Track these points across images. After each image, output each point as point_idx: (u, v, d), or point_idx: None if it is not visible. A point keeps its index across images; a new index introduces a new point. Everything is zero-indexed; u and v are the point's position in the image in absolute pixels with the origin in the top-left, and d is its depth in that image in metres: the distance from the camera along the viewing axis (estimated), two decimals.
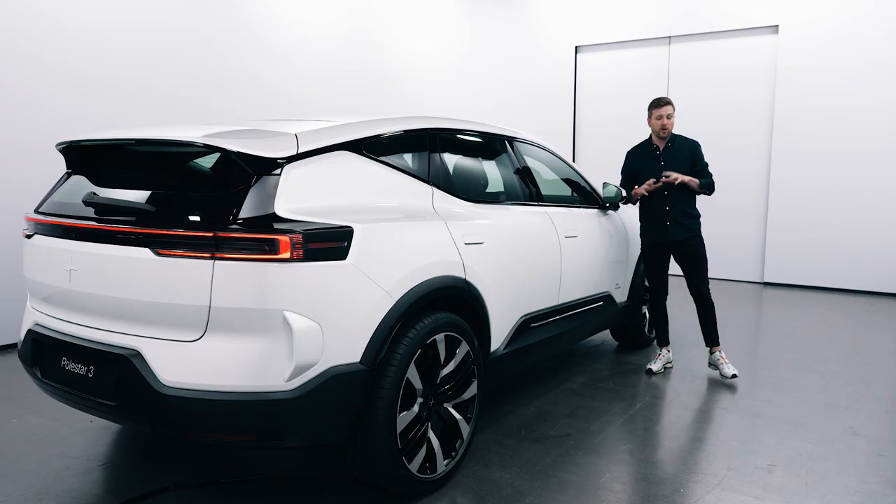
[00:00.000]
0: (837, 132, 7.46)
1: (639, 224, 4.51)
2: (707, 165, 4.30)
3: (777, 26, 7.77)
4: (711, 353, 4.36)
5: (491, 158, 3.84)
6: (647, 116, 4.30)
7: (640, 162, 4.35)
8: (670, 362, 4.53)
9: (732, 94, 8.15)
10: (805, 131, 7.64)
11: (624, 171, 4.49)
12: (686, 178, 4.14)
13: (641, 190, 4.25)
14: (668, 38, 8.54)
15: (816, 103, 7.55)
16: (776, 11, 7.74)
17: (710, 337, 4.36)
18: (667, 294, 4.51)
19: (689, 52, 8.42)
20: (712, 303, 4.35)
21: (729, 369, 4.25)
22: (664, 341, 4.54)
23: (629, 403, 3.86)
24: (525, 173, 3.86)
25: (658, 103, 4.22)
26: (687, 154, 4.25)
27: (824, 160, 7.56)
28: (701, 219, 4.36)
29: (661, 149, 4.28)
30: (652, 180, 4.19)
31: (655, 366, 4.44)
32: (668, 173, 4.13)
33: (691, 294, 4.38)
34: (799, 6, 7.60)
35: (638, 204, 4.45)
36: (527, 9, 9.65)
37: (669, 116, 4.20)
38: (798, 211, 7.76)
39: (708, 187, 4.25)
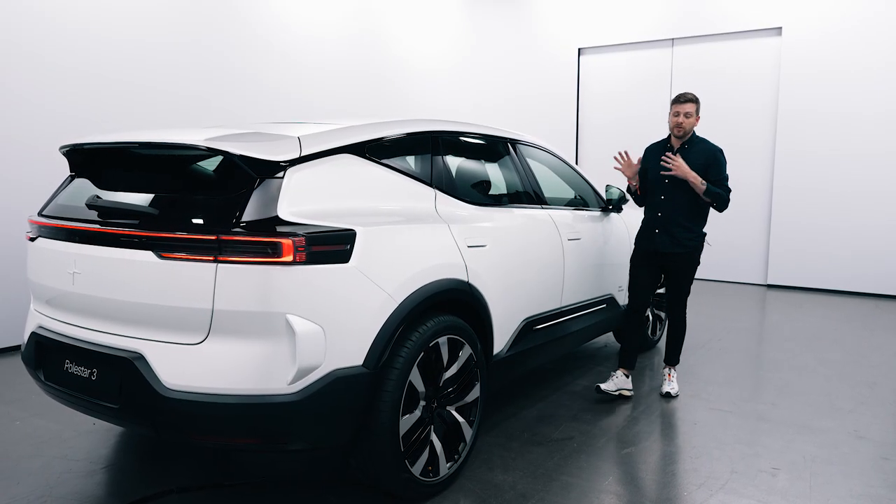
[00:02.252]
0: (841, 134, 7.44)
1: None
2: (726, 178, 3.86)
3: (780, 28, 7.76)
4: (665, 367, 4.14)
5: (493, 161, 3.84)
6: (667, 112, 3.99)
7: (650, 160, 4.04)
8: (629, 389, 3.95)
9: (736, 97, 8.14)
10: (808, 133, 7.63)
11: (640, 169, 4.16)
12: (690, 175, 3.72)
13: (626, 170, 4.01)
14: (672, 39, 8.54)
15: (820, 105, 7.54)
16: (779, 13, 7.73)
17: (669, 354, 4.11)
18: (643, 308, 4.05)
19: (693, 54, 8.42)
20: (684, 326, 4.06)
21: (667, 387, 4.02)
22: (626, 363, 4.00)
23: (632, 406, 3.85)
24: (528, 176, 3.86)
25: (677, 99, 3.88)
26: (701, 161, 3.82)
27: (828, 162, 7.55)
28: (704, 239, 3.97)
29: (676, 149, 3.93)
30: (664, 159, 3.82)
31: (606, 385, 3.90)
32: (669, 157, 3.76)
33: (666, 311, 4.12)
34: (802, 8, 7.59)
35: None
36: (529, 10, 9.66)
37: (688, 115, 3.82)
38: (802, 213, 7.75)
39: (718, 199, 3.81)
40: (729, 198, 3.87)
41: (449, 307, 2.85)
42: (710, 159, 3.84)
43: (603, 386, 3.89)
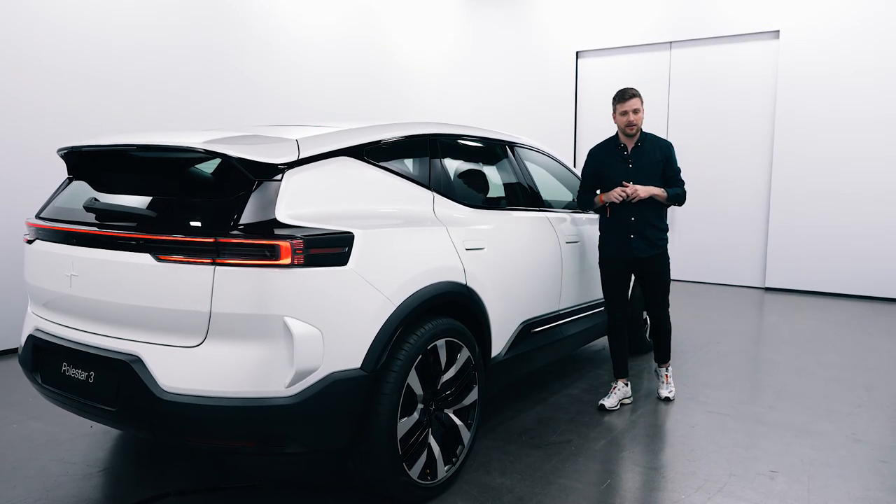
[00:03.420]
0: (839, 137, 7.45)
1: (601, 233, 3.93)
2: (679, 172, 3.78)
3: (778, 31, 7.77)
4: (659, 366, 4.06)
5: (492, 164, 3.84)
6: (611, 112, 3.75)
7: (605, 163, 3.79)
8: (629, 397, 3.95)
9: (734, 100, 8.15)
10: (806, 136, 7.64)
11: (585, 173, 3.90)
12: (652, 191, 3.64)
13: (612, 196, 3.67)
14: (670, 43, 8.55)
15: (817, 109, 7.55)
16: (777, 17, 7.75)
17: (660, 354, 4.02)
18: (626, 316, 3.95)
19: (691, 57, 8.43)
20: (670, 325, 3.97)
21: (664, 391, 3.97)
22: (621, 372, 3.94)
23: (630, 409, 3.85)
24: (526, 179, 3.87)
25: (622, 97, 3.66)
26: (658, 157, 3.72)
27: (825, 165, 7.56)
28: (668, 233, 3.84)
29: (630, 149, 3.73)
30: (619, 189, 3.65)
31: (609, 401, 3.83)
32: (627, 188, 3.62)
33: (648, 315, 3.99)
34: (800, 12, 7.61)
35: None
36: (527, 13, 9.67)
37: (636, 111, 3.64)
38: (799, 216, 7.76)
39: (677, 199, 3.74)
40: (685, 191, 3.78)
41: (447, 310, 2.85)
42: (666, 153, 3.75)
43: (607, 404, 3.81)
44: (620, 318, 3.90)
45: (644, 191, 3.63)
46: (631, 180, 3.67)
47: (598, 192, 3.84)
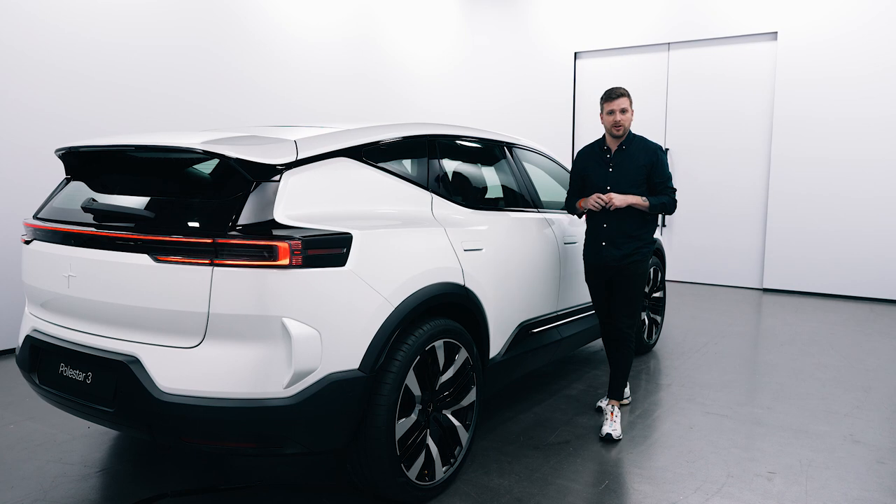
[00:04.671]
0: (836, 139, 7.47)
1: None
2: (669, 178, 3.52)
3: (776, 33, 7.79)
4: (607, 403, 3.60)
5: (490, 165, 3.84)
6: (599, 112, 3.58)
7: (587, 165, 3.62)
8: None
9: (732, 101, 8.17)
10: (804, 138, 7.66)
11: (573, 176, 3.76)
12: (630, 200, 3.42)
13: (589, 204, 3.49)
14: (668, 44, 8.57)
15: (815, 110, 7.57)
16: (775, 18, 7.77)
17: (614, 387, 3.60)
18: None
19: (689, 58, 8.45)
20: (631, 349, 3.60)
21: (607, 426, 3.40)
22: None
23: (628, 410, 3.85)
24: (524, 179, 3.87)
25: (609, 95, 3.48)
26: (642, 161, 3.47)
27: (823, 167, 7.57)
28: (655, 245, 3.67)
29: (613, 151, 3.54)
30: (595, 197, 3.46)
31: (605, 402, 3.72)
32: (600, 198, 3.43)
33: (611, 329, 3.65)
34: (798, 13, 7.63)
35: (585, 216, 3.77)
36: (526, 15, 9.68)
37: (624, 111, 3.43)
38: (797, 217, 7.77)
39: (663, 208, 3.49)
40: (675, 199, 3.55)
41: (445, 311, 2.85)
42: (652, 158, 3.50)
43: (604, 404, 3.74)
44: (610, 323, 3.72)
45: (620, 200, 3.40)
46: (609, 184, 3.50)
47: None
